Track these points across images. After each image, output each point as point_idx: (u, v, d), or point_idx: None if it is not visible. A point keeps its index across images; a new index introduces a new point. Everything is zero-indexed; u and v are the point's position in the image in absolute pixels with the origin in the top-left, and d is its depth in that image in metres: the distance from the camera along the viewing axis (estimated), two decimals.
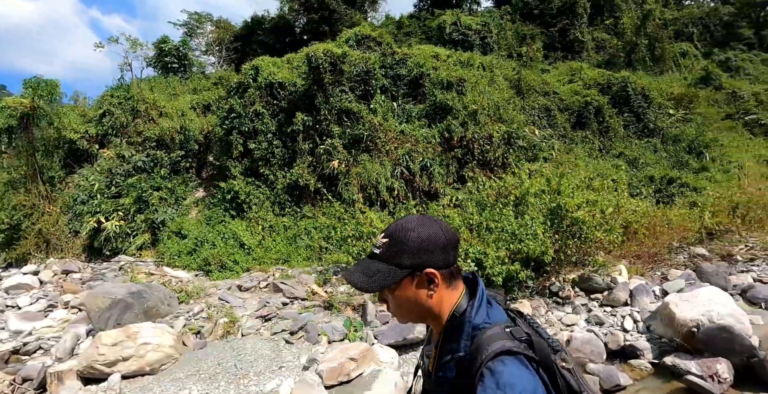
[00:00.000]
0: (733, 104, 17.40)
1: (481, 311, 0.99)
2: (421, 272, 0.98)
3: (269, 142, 10.61)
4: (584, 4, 24.96)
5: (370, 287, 1.00)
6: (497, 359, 0.85)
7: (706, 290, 5.29)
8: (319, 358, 4.54)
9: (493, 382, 0.82)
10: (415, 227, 1.00)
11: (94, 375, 4.82)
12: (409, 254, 0.98)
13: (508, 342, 0.88)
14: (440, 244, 0.99)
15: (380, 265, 1.00)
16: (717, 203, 8.68)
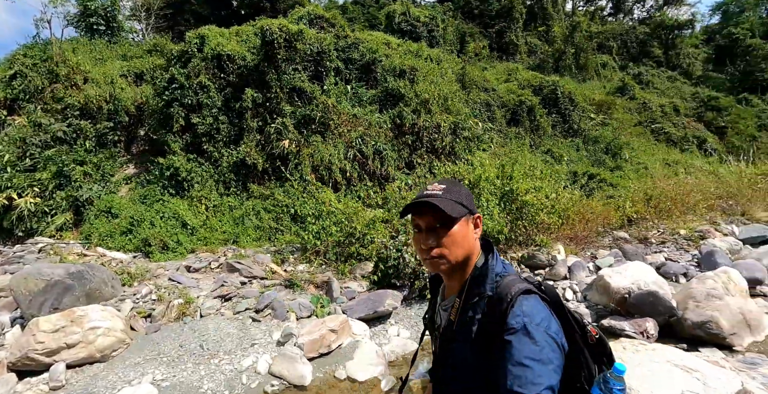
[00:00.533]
0: (643, 113, 19.55)
1: (498, 263, 1.16)
2: (473, 215, 1.16)
3: (214, 117, 10.03)
4: (521, 10, 26.41)
5: (452, 212, 1.09)
6: (522, 296, 1.02)
7: (634, 264, 6.04)
8: (295, 332, 4.47)
9: (520, 311, 0.99)
10: (459, 183, 1.21)
11: (31, 367, 4.32)
12: (466, 198, 1.15)
13: (527, 284, 1.07)
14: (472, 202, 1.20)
15: (452, 199, 1.12)
16: (635, 195, 9.79)
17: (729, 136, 19.81)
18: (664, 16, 27.44)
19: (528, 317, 0.97)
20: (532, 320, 0.97)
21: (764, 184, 10.75)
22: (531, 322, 0.96)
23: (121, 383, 4.05)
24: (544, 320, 0.99)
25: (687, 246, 8.44)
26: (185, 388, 3.97)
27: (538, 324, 0.97)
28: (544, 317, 1.00)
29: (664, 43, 26.38)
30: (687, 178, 11.49)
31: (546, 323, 0.98)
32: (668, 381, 2.97)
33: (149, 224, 8.69)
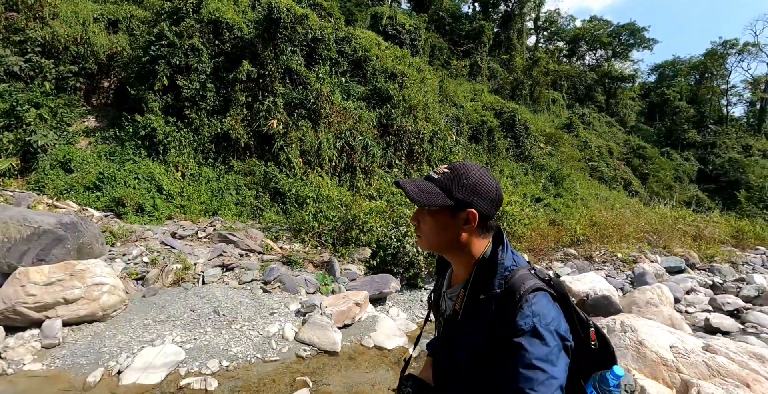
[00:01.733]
0: (584, 151, 21.71)
1: (509, 256, 1.10)
2: (464, 210, 1.06)
3: (202, 83, 9.64)
4: (489, 35, 27.98)
5: (420, 200, 1.06)
6: (532, 293, 0.99)
7: (590, 274, 7.08)
8: (317, 303, 4.61)
9: (530, 311, 0.96)
10: (477, 170, 1.09)
11: (14, 322, 3.94)
12: (463, 189, 1.05)
13: (537, 281, 1.03)
14: (491, 195, 1.07)
15: (433, 187, 1.08)
16: (582, 220, 11.00)
17: (650, 182, 22.62)
18: (611, 67, 30.70)
19: (538, 316, 0.95)
20: (542, 320, 0.95)
21: (682, 226, 12.57)
22: (540, 322, 0.95)
23: (136, 343, 3.93)
24: (554, 319, 0.97)
25: (622, 267, 9.69)
26: (212, 350, 3.96)
27: (548, 323, 0.95)
28: (554, 316, 0.98)
29: (607, 91, 29.47)
30: (625, 213, 13.06)
31: (556, 322, 0.97)
32: (661, 335, 3.80)
33: (121, 184, 8.16)
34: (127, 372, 3.46)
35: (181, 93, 9.42)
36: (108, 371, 3.52)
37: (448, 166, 1.10)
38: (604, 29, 30.50)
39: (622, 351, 3.70)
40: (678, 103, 28.24)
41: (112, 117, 10.58)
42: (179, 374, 3.58)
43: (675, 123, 27.29)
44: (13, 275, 4.21)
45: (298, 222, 7.23)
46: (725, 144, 25.75)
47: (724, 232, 13.87)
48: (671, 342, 3.73)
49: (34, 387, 3.33)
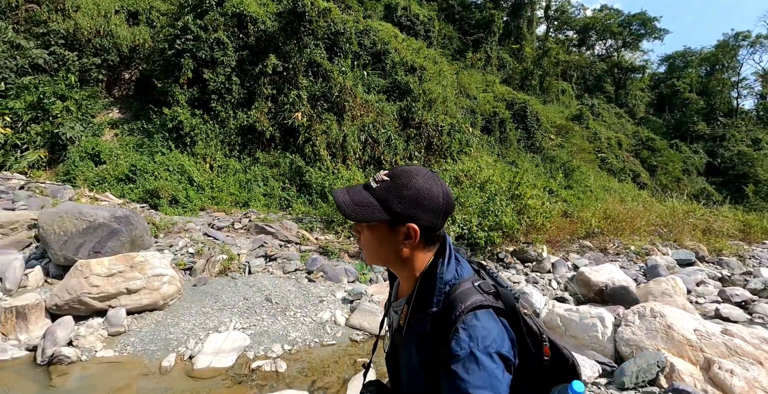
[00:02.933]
0: (594, 143, 21.80)
1: (450, 268, 1.01)
2: (403, 224, 0.97)
3: (227, 76, 9.79)
4: (499, 25, 27.76)
5: (353, 214, 0.97)
6: (470, 313, 0.90)
7: (607, 265, 7.29)
8: (364, 291, 4.87)
9: (466, 335, 0.87)
10: (422, 177, 0.97)
11: (77, 312, 4.14)
12: (402, 201, 0.95)
13: (479, 297, 0.93)
14: (435, 206, 0.97)
15: (370, 199, 0.98)
16: (597, 213, 11.23)
17: (658, 174, 22.75)
18: (621, 57, 30.55)
19: (475, 341, 0.87)
20: (480, 343, 0.87)
21: (693, 220, 12.79)
22: (477, 347, 0.86)
23: (201, 330, 4.19)
24: (495, 340, 0.88)
25: (635, 259, 9.94)
26: (272, 336, 4.23)
27: (488, 346, 0.87)
28: (495, 337, 0.89)
29: (616, 82, 29.38)
30: (638, 206, 13.26)
31: (497, 343, 0.88)
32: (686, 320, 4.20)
33: (153, 175, 8.38)
34: (200, 357, 3.73)
35: (207, 86, 9.58)
36: (179, 356, 3.79)
37: (389, 173, 0.99)
38: (615, 19, 30.23)
39: (652, 333, 4.04)
40: (688, 94, 28.23)
41: (137, 109, 10.77)
42: (247, 358, 3.86)
43: (684, 115, 27.32)
44: (75, 267, 4.43)
45: (329, 213, 7.46)
46: (734, 137, 25.81)
47: (732, 226, 14.10)
48: (695, 326, 4.08)
49: (111, 373, 3.58)
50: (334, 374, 3.77)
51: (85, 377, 3.52)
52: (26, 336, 3.92)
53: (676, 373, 3.48)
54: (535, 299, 5.50)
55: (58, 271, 5.09)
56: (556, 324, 4.62)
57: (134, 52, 10.92)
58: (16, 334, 3.93)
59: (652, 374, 3.51)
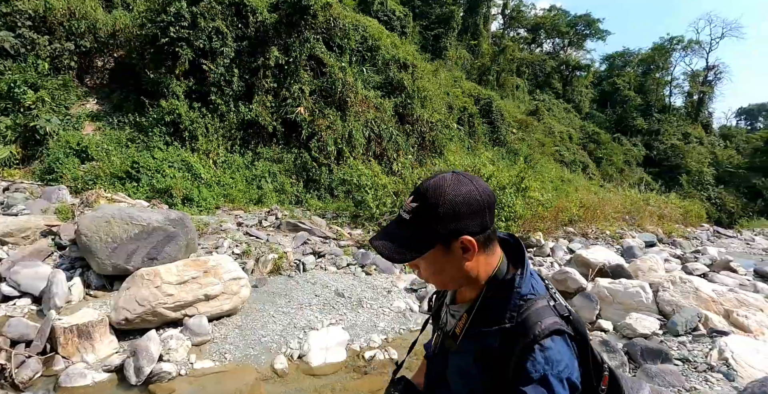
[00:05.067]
0: (549, 136, 23.29)
1: (527, 282, 0.95)
2: (456, 240, 0.90)
3: (227, 67, 9.42)
4: (458, 21, 28.51)
5: (401, 257, 0.91)
6: (548, 337, 0.87)
7: (598, 247, 8.20)
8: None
9: (542, 357, 0.85)
10: (448, 187, 0.89)
11: (149, 324, 3.92)
12: (442, 220, 0.88)
13: (557, 319, 0.89)
14: (476, 206, 0.89)
15: (409, 232, 0.91)
16: (574, 202, 12.23)
17: (604, 165, 24.81)
18: (569, 56, 32.69)
19: (549, 364, 0.85)
20: (554, 368, 0.85)
21: (650, 207, 14.31)
22: (551, 371, 0.84)
23: (293, 329, 4.23)
24: (567, 367, 0.87)
25: (612, 242, 11.02)
26: (363, 327, 4.39)
27: (561, 372, 0.85)
28: (567, 363, 0.87)
29: (564, 79, 31.40)
30: (608, 195, 14.55)
31: (568, 370, 0.86)
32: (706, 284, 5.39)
33: (156, 173, 7.94)
34: (311, 355, 3.80)
35: (205, 77, 9.17)
36: (288, 357, 3.83)
37: (415, 198, 0.91)
38: (563, 19, 32.34)
39: (686, 295, 5.12)
40: (627, 92, 30.95)
41: (119, 100, 10.05)
42: (354, 350, 4.00)
43: (625, 111, 29.95)
44: (137, 276, 4.16)
45: (344, 208, 7.61)
46: (668, 131, 28.78)
47: (677, 212, 15.95)
48: (712, 287, 5.35)
49: (224, 382, 3.51)
50: None
51: (198, 390, 3.41)
52: (94, 357, 3.59)
53: (710, 320, 4.52)
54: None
55: (101, 282, 4.82)
56: (604, 295, 5.32)
57: (113, 37, 10.12)
58: (81, 355, 3.57)
59: (694, 323, 4.49)
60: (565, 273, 6.13)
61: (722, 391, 3.27)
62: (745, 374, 3.46)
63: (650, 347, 3.85)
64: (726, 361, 3.63)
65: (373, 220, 7.43)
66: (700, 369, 3.60)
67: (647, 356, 3.76)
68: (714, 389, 3.31)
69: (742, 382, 3.34)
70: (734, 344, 3.84)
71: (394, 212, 7.50)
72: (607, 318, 5.03)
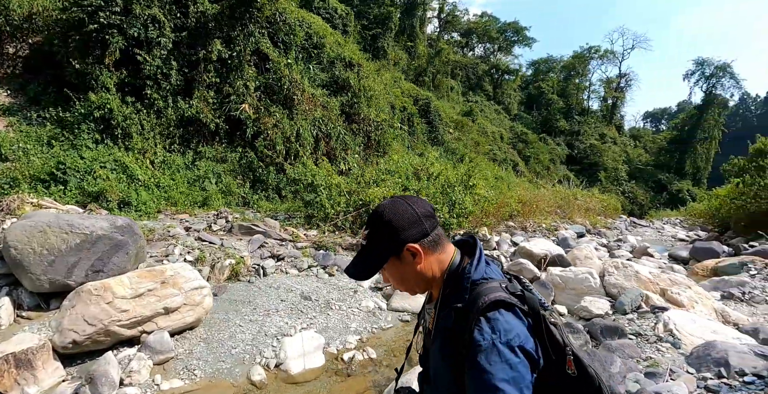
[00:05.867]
0: (482, 136, 24.43)
1: (479, 269, 1.03)
2: (403, 250, 1.02)
3: (164, 60, 8.73)
4: (395, 22, 28.93)
5: (361, 274, 1.07)
6: (494, 309, 0.91)
7: (540, 239, 8.79)
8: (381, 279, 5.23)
9: (489, 327, 0.88)
10: (386, 210, 1.04)
11: (100, 345, 3.55)
12: (386, 237, 1.02)
13: (503, 294, 0.94)
14: (412, 219, 1.02)
15: (367, 253, 1.07)
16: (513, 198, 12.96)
17: (532, 163, 26.50)
18: (499, 60, 34.50)
19: (497, 333, 0.87)
20: (502, 337, 0.86)
21: (578, 201, 15.54)
22: (500, 339, 0.86)
23: (265, 337, 4.05)
24: (518, 336, 0.88)
25: (548, 234, 11.84)
26: (336, 329, 4.31)
27: (510, 339, 0.87)
28: (518, 332, 0.89)
29: (494, 82, 33.08)
30: (543, 191, 15.54)
31: (519, 339, 0.88)
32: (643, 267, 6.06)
33: (86, 175, 7.17)
34: (289, 363, 3.66)
35: (140, 69, 8.43)
36: (264, 367, 3.65)
37: (366, 226, 1.09)
38: (493, 25, 34.05)
39: (628, 277, 5.72)
40: (551, 95, 33.37)
41: (35, 92, 8.94)
42: (332, 353, 3.94)
43: (549, 113, 32.28)
44: (83, 292, 3.71)
45: (295, 209, 7.45)
46: (587, 132, 31.50)
47: (599, 205, 17.50)
48: (649, 270, 6.00)
49: None
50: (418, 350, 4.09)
51: None
52: (37, 388, 3.16)
53: (650, 299, 5.07)
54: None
55: (34, 301, 4.21)
56: (557, 282, 5.78)
57: (29, 21, 8.95)
58: (22, 388, 3.12)
59: (638, 301, 5.05)
60: (519, 264, 6.48)
61: (672, 357, 3.70)
62: (688, 341, 3.95)
63: (608, 325, 4.25)
64: (671, 332, 4.13)
65: (327, 220, 7.30)
66: (651, 341, 4.06)
67: (606, 333, 4.16)
68: (665, 356, 3.73)
69: (686, 348, 3.81)
70: (674, 317, 4.39)
71: (348, 212, 7.44)
72: (561, 303, 5.48)
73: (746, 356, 3.31)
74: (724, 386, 3.02)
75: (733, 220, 11.76)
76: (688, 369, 3.40)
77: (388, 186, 8.15)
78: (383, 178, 8.81)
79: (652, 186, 27.48)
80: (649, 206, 25.17)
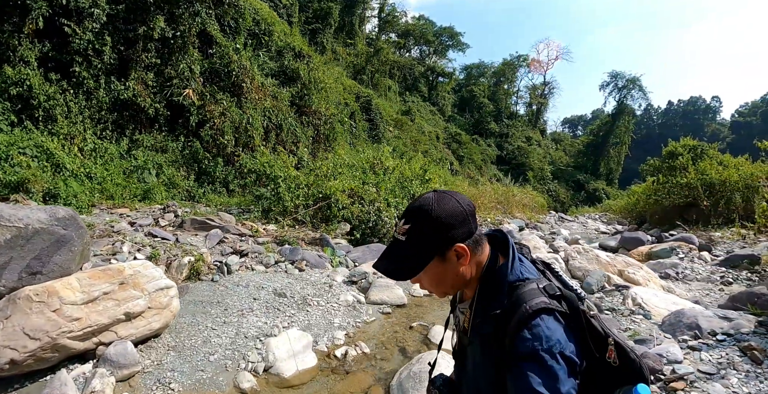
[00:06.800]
0: (419, 136, 24.97)
1: (515, 269, 1.01)
2: (450, 249, 0.98)
3: (97, 34, 7.74)
4: (335, 18, 28.60)
5: (403, 273, 0.99)
6: (535, 316, 0.90)
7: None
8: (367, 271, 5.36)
9: (531, 334, 0.88)
10: (433, 205, 0.97)
11: (46, 363, 2.99)
12: (434, 234, 0.96)
13: (543, 299, 0.93)
14: (461, 217, 0.97)
15: (405, 251, 0.99)
16: None
17: (465, 163, 27.60)
18: (435, 63, 35.43)
19: (539, 341, 0.87)
20: (544, 344, 0.87)
21: (517, 198, 16.49)
22: (542, 346, 0.87)
23: (244, 340, 3.69)
24: (558, 342, 0.89)
25: (493, 227, 12.42)
26: (320, 326, 4.07)
27: (552, 346, 0.87)
28: (558, 338, 0.89)
29: (429, 84, 33.96)
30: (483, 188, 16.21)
31: (560, 346, 0.88)
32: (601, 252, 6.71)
33: (2, 161, 6.12)
34: (279, 365, 3.37)
35: (68, 43, 7.39)
36: (253, 372, 3.33)
37: (406, 220, 1.00)
38: (430, 28, 34.89)
39: (590, 261, 6.24)
40: (482, 99, 34.99)
41: None
42: (322, 351, 3.72)
43: (481, 116, 33.83)
44: (23, 299, 3.05)
45: (249, 202, 7.06)
46: (515, 135, 33.46)
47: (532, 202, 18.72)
48: (606, 254, 6.64)
49: None
50: (408, 341, 4.06)
51: None
52: None
53: (611, 279, 5.56)
54: None
55: None
56: None
57: None
58: None
59: (603, 282, 5.53)
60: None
61: (647, 327, 4.10)
62: (656, 312, 4.42)
63: None
64: (640, 306, 4.60)
65: (286, 214, 6.94)
66: (625, 314, 4.46)
67: None
68: (641, 326, 4.12)
69: (656, 319, 4.26)
70: (640, 292, 4.86)
71: (308, 205, 7.15)
72: None
73: (712, 319, 3.81)
74: (703, 345, 3.45)
75: (648, 213, 13.14)
76: (665, 335, 3.78)
77: (347, 179, 7.96)
78: (340, 171, 8.58)
79: (572, 185, 29.97)
80: (570, 203, 27.42)
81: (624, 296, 4.87)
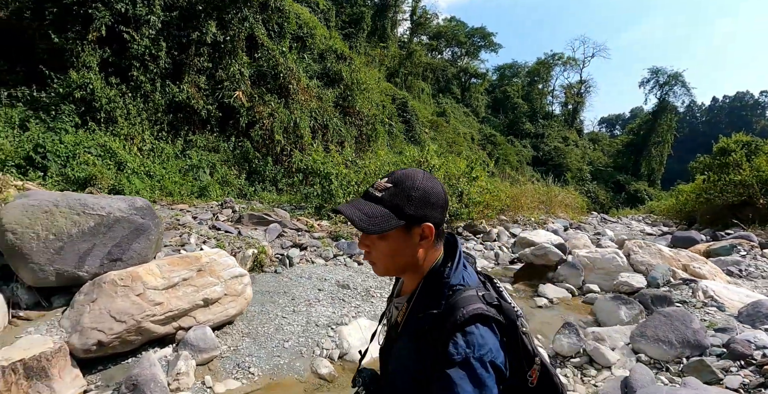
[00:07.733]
0: (454, 137, 24.77)
1: (458, 273, 1.00)
2: (419, 225, 0.95)
3: (153, 40, 8.07)
4: (368, 22, 28.87)
5: (370, 227, 0.93)
6: (471, 322, 0.89)
7: (541, 230, 8.88)
8: None
9: (464, 341, 0.87)
10: (422, 179, 0.96)
11: (127, 346, 3.06)
12: (413, 204, 0.94)
13: (481, 306, 0.92)
14: (441, 202, 0.97)
15: (380, 208, 0.95)
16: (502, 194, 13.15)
17: (501, 164, 27.14)
18: (467, 64, 35.21)
19: (471, 348, 0.86)
20: (476, 352, 0.86)
21: (559, 198, 16.03)
22: (473, 354, 0.86)
23: (317, 328, 3.74)
24: (490, 351, 0.88)
25: (537, 227, 12.06)
26: None
27: (483, 355, 0.86)
28: (491, 347, 0.88)
29: (462, 85, 33.70)
30: (525, 187, 15.89)
31: (491, 355, 0.87)
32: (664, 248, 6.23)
33: (69, 159, 6.44)
34: (354, 352, 3.37)
35: (127, 49, 7.74)
36: (329, 359, 3.33)
37: (390, 180, 0.97)
38: (462, 30, 34.76)
39: (653, 255, 5.95)
40: (516, 100, 34.49)
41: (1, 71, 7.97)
42: None
43: (515, 116, 33.30)
44: (108, 283, 3.18)
45: (300, 199, 7.13)
46: (551, 135, 32.74)
47: (575, 202, 18.16)
48: (668, 249, 6.34)
49: None
50: None
51: None
52: None
53: (677, 273, 5.38)
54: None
55: (33, 298, 3.45)
56: (585, 263, 5.94)
57: None
58: None
59: (668, 276, 5.33)
60: (544, 248, 6.59)
61: (723, 318, 3.98)
62: (729, 304, 4.28)
63: (657, 294, 4.48)
64: (712, 298, 4.45)
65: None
66: (698, 306, 4.33)
67: (656, 302, 4.39)
68: (716, 317, 4.01)
69: (731, 311, 4.12)
70: (711, 285, 4.68)
71: None
72: (592, 282, 5.62)
73: None
74: None
75: (699, 213, 12.47)
76: (744, 325, 3.69)
77: None
78: (387, 169, 8.58)
79: (612, 186, 28.96)
80: (609, 205, 26.48)
81: (693, 289, 4.71)
